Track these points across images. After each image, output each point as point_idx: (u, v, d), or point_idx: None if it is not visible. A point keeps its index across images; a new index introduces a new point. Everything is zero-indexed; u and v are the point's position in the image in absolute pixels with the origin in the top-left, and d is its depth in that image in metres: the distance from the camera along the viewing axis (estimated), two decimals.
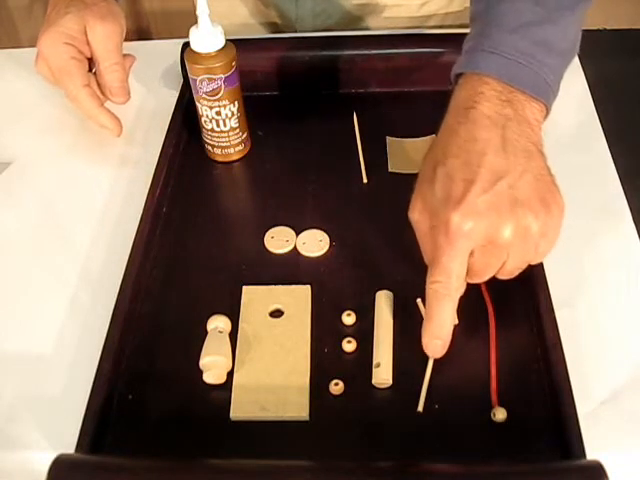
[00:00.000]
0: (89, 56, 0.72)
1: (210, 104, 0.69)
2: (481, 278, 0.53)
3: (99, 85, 0.73)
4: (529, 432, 0.51)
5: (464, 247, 0.49)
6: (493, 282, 0.59)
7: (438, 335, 0.52)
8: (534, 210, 0.49)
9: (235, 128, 0.71)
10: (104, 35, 0.70)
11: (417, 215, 0.53)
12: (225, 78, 0.67)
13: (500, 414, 0.51)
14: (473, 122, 0.52)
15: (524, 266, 0.53)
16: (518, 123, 0.52)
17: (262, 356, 0.56)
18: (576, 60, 0.83)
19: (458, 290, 0.51)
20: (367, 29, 0.92)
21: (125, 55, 0.74)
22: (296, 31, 0.93)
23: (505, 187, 0.49)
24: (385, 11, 0.93)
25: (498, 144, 0.51)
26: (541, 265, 0.58)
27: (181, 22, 0.75)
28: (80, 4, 0.71)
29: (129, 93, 0.73)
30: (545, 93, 0.55)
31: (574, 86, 0.80)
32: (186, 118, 0.75)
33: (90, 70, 0.73)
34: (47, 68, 0.71)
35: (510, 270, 0.53)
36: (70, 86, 0.70)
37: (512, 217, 0.49)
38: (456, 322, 0.57)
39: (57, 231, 0.69)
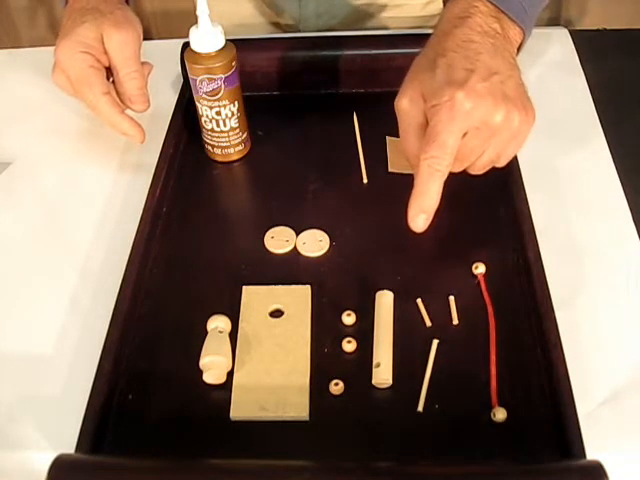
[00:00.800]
0: (107, 65, 0.71)
1: (210, 104, 0.69)
2: (462, 164, 0.57)
3: (118, 94, 0.72)
4: (529, 432, 0.51)
5: (463, 125, 0.53)
6: (491, 278, 0.59)
7: (426, 209, 0.56)
8: (517, 108, 0.54)
9: (235, 128, 0.71)
10: (121, 43, 0.69)
11: (407, 103, 0.57)
12: (225, 78, 0.67)
13: (500, 414, 0.51)
14: (469, 27, 0.57)
15: (494, 161, 0.58)
16: (504, 38, 0.58)
17: (262, 356, 0.56)
18: (576, 60, 0.83)
19: (448, 168, 0.55)
20: (371, 29, 0.92)
21: (143, 63, 0.73)
22: (299, 31, 0.94)
23: (498, 82, 0.54)
24: (388, 11, 0.93)
25: (490, 48, 0.56)
26: (541, 265, 0.58)
27: (181, 22, 0.75)
28: (96, 13, 0.70)
29: (149, 100, 0.72)
30: (524, 22, 0.60)
31: (574, 86, 0.80)
32: (186, 118, 0.75)
33: (108, 79, 0.72)
34: (65, 78, 0.70)
35: (482, 164, 0.58)
36: (90, 95, 0.69)
37: (504, 106, 0.54)
38: (456, 323, 0.57)
39: (57, 231, 0.69)
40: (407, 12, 0.92)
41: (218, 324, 0.57)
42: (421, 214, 0.56)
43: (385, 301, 0.59)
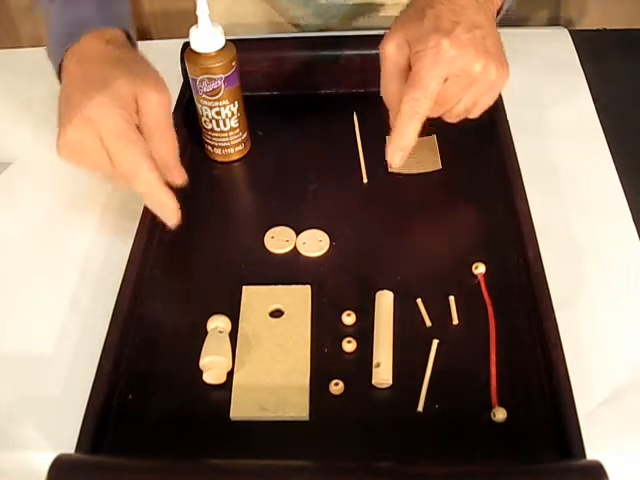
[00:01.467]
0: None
1: (210, 104, 0.69)
2: (440, 109, 0.60)
3: None
4: (529, 432, 0.51)
5: (445, 70, 0.57)
6: (491, 278, 0.59)
7: (403, 147, 0.60)
8: (495, 62, 0.58)
9: (235, 128, 0.71)
10: (160, 104, 0.61)
11: (392, 48, 0.60)
12: (225, 78, 0.67)
13: (500, 414, 0.51)
14: None
15: (468, 110, 0.62)
16: (485, 1, 0.61)
17: (262, 356, 0.56)
18: (576, 60, 0.83)
19: (427, 111, 0.58)
20: (371, 28, 0.92)
21: None
22: (301, 31, 0.94)
23: (480, 36, 0.58)
24: (389, 10, 0.93)
25: (475, 5, 0.59)
26: (541, 265, 0.58)
27: (181, 22, 0.75)
28: (125, 66, 0.61)
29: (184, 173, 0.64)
30: None
31: (574, 86, 0.80)
32: (186, 118, 0.75)
33: None
34: (91, 135, 0.59)
35: (458, 112, 0.61)
36: (130, 156, 0.58)
37: (484, 57, 0.57)
38: (456, 323, 0.57)
39: (57, 231, 0.69)
40: None
41: (218, 324, 0.57)
42: (399, 151, 0.61)
43: (385, 301, 0.59)
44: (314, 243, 0.64)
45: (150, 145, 0.61)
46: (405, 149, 0.60)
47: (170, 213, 0.61)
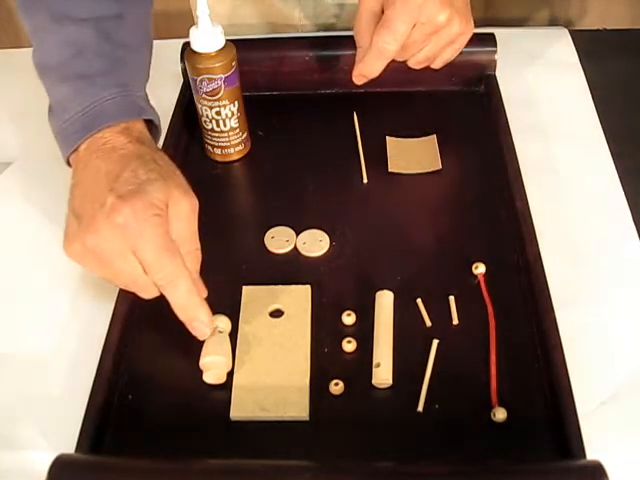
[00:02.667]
0: None
1: (210, 104, 0.69)
2: (404, 53, 0.65)
3: None
4: (529, 432, 0.51)
5: (413, 15, 0.61)
6: (491, 278, 0.59)
7: (367, 75, 0.66)
8: (460, 17, 0.63)
9: (235, 128, 0.71)
10: (189, 212, 0.57)
11: None
12: (225, 78, 0.67)
13: (500, 414, 0.51)
14: None
15: (430, 59, 0.67)
16: None
17: (262, 356, 0.56)
18: (576, 60, 0.83)
19: (394, 53, 0.63)
20: None
21: None
22: (298, 31, 0.94)
23: None
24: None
25: None
26: (541, 265, 0.58)
27: (181, 22, 0.75)
28: (160, 169, 0.57)
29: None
30: None
31: (574, 86, 0.80)
32: (186, 118, 0.75)
33: None
34: (124, 243, 0.53)
35: (419, 59, 0.66)
36: (170, 267, 0.53)
37: (449, 10, 0.62)
38: (456, 323, 0.57)
39: (57, 231, 0.68)
40: None
41: (218, 324, 0.57)
42: (362, 77, 0.67)
43: (385, 301, 0.59)
44: (314, 243, 0.64)
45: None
46: (368, 77, 0.67)
47: (200, 331, 0.55)
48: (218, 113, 0.69)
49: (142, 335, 0.58)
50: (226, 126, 0.70)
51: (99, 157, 0.57)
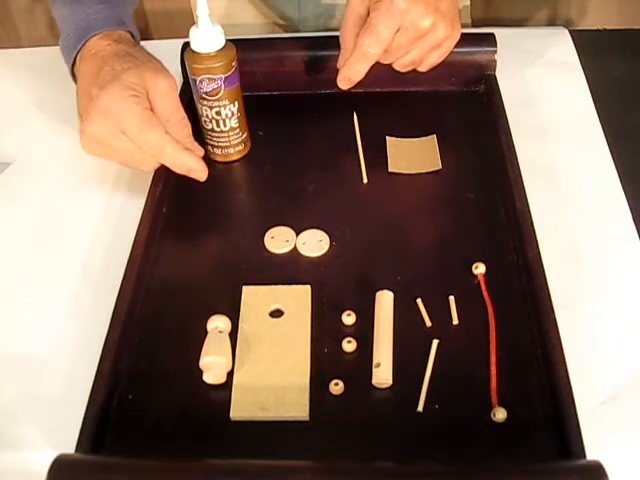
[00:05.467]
0: None
1: (210, 104, 0.69)
2: (389, 57, 0.66)
3: None
4: (529, 432, 0.51)
5: (396, 21, 0.62)
6: (491, 278, 0.59)
7: (351, 79, 0.67)
8: (446, 22, 0.64)
9: (235, 128, 0.71)
10: (169, 90, 0.65)
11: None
12: (225, 78, 0.67)
13: (500, 414, 0.51)
14: None
15: (416, 63, 0.68)
16: None
17: (262, 356, 0.56)
18: (576, 60, 0.83)
19: (377, 56, 0.65)
20: None
21: None
22: (299, 32, 0.94)
23: None
24: None
25: None
26: (541, 265, 0.58)
27: (181, 22, 0.75)
28: (134, 60, 0.66)
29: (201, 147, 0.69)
30: None
31: (574, 86, 0.80)
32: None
33: None
34: (112, 126, 0.63)
35: (405, 62, 0.67)
36: (152, 136, 0.63)
37: (433, 14, 0.63)
38: (456, 323, 0.57)
39: (57, 231, 0.69)
40: None
41: (218, 324, 0.57)
42: (346, 81, 0.68)
43: (385, 301, 0.59)
44: (314, 243, 0.64)
45: (167, 129, 0.65)
46: (352, 81, 0.68)
47: (198, 174, 0.66)
48: (218, 113, 0.69)
49: (142, 335, 0.58)
50: (226, 126, 0.70)
51: (87, 62, 0.68)
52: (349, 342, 0.56)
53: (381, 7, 0.62)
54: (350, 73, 0.67)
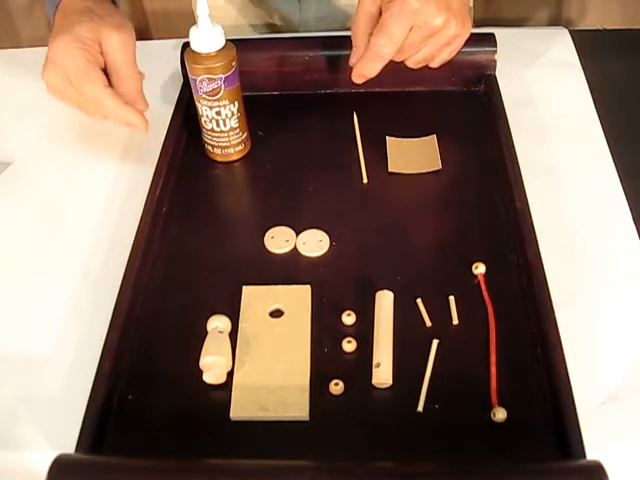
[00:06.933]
0: (103, 67, 0.69)
1: (210, 104, 0.69)
2: (402, 55, 0.67)
3: None
4: (529, 432, 0.51)
5: (409, 20, 0.63)
6: (491, 278, 0.59)
7: (366, 76, 0.68)
8: (457, 20, 0.65)
9: (235, 128, 0.71)
10: (121, 45, 0.68)
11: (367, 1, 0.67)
12: (225, 78, 0.67)
13: (500, 414, 0.51)
14: None
15: (428, 60, 0.69)
16: None
17: (262, 356, 0.56)
18: (576, 60, 0.83)
19: (390, 55, 0.66)
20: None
21: None
22: (299, 31, 0.94)
23: None
24: None
25: None
26: (541, 265, 0.58)
27: (181, 22, 0.75)
28: (92, 14, 0.69)
29: (147, 102, 0.71)
30: None
31: (574, 86, 0.80)
32: (186, 118, 0.75)
33: None
34: (60, 75, 0.67)
35: (418, 59, 0.68)
36: (89, 88, 0.67)
37: (445, 13, 0.64)
38: (456, 323, 0.57)
39: (57, 231, 0.69)
40: None
41: (218, 324, 0.57)
42: (361, 77, 0.69)
43: (385, 301, 0.59)
44: (314, 243, 0.64)
45: (116, 81, 0.69)
46: (367, 77, 0.69)
47: (137, 127, 0.68)
48: (218, 113, 0.69)
49: (142, 335, 0.58)
50: (226, 126, 0.70)
51: (59, 18, 0.71)
52: (349, 342, 0.56)
53: (394, 7, 0.63)
54: (365, 70, 0.68)
